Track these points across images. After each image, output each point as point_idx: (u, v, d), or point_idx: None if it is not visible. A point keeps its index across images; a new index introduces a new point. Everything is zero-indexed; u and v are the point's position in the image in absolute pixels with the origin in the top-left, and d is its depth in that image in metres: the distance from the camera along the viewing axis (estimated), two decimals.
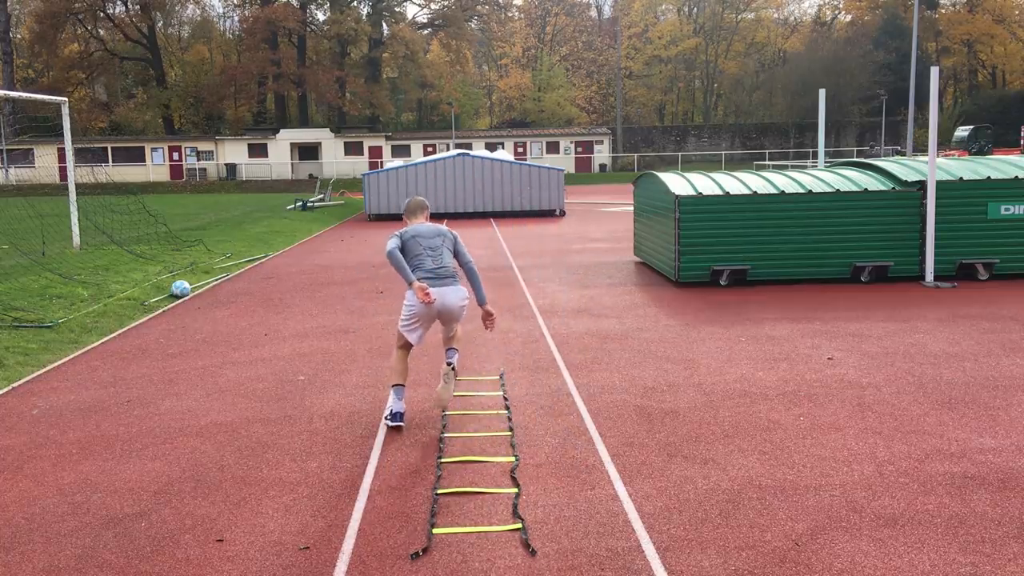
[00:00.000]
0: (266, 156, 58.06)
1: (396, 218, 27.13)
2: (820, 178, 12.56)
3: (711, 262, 11.99)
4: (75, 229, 17.05)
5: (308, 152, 59.08)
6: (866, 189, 12.04)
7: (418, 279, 6.01)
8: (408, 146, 59.42)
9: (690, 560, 4.09)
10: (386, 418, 6.17)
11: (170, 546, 4.36)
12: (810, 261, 12.05)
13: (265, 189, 51.00)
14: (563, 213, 27.36)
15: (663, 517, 4.55)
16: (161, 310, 11.19)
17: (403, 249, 6.15)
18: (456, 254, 6.29)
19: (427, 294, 5.93)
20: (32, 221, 18.23)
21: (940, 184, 11.86)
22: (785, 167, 46.96)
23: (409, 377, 6.53)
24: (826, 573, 3.94)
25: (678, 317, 9.94)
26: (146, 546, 4.36)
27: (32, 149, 53.87)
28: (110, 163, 49.58)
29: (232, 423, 6.33)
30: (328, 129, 60.73)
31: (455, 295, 6.12)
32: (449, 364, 6.27)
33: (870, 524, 4.42)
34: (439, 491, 4.94)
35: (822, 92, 17.03)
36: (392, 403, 6.18)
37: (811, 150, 60.14)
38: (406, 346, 6.24)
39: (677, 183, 12.51)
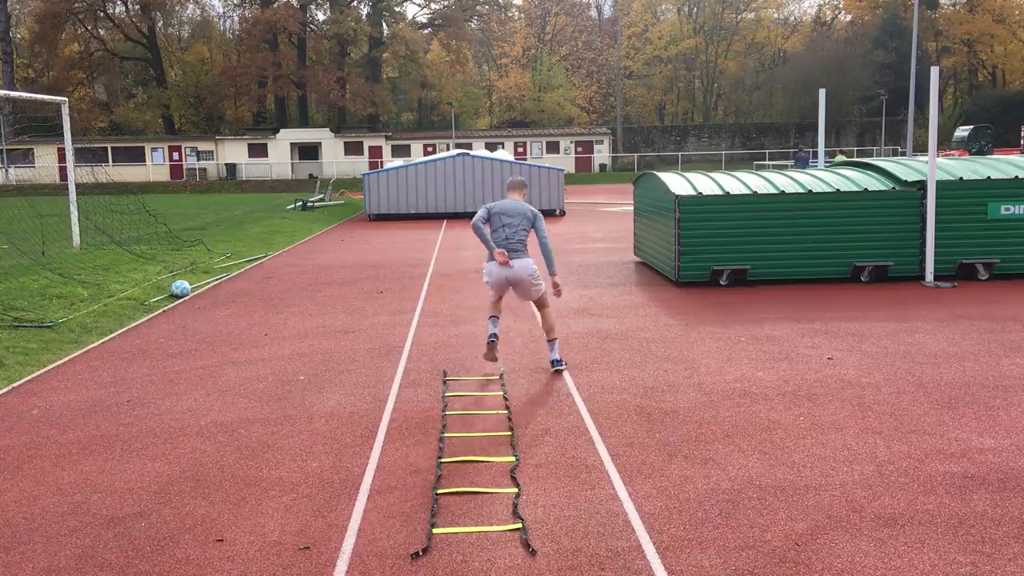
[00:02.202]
0: (266, 156, 58.05)
1: (396, 218, 27.14)
2: (820, 178, 12.56)
3: (711, 262, 11.98)
4: (75, 229, 17.05)
5: (308, 152, 59.07)
6: (866, 189, 12.04)
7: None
8: (408, 146, 59.42)
9: (690, 560, 4.09)
10: (489, 338, 7.37)
11: (170, 546, 4.36)
12: (810, 261, 12.05)
13: (265, 189, 51.00)
14: (563, 213, 27.36)
15: (663, 517, 4.55)
16: (161, 310, 11.19)
17: (488, 221, 7.37)
18: (535, 231, 7.40)
19: (506, 257, 7.20)
20: (32, 221, 18.22)
21: (940, 184, 11.86)
22: (785, 167, 46.97)
23: (414, 369, 6.57)
24: (826, 573, 3.94)
25: (678, 317, 9.94)
26: (146, 546, 4.36)
27: (32, 149, 53.88)
28: (110, 163, 49.54)
29: (232, 423, 6.33)
30: (328, 129, 60.72)
31: (521, 265, 7.29)
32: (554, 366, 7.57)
33: (870, 524, 4.42)
34: (439, 491, 4.94)
35: (822, 92, 17.03)
36: (489, 328, 7.45)
37: (811, 150, 60.11)
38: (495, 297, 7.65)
39: (677, 183, 12.51)
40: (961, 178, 12.05)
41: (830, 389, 6.83)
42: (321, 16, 70.11)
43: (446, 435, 5.93)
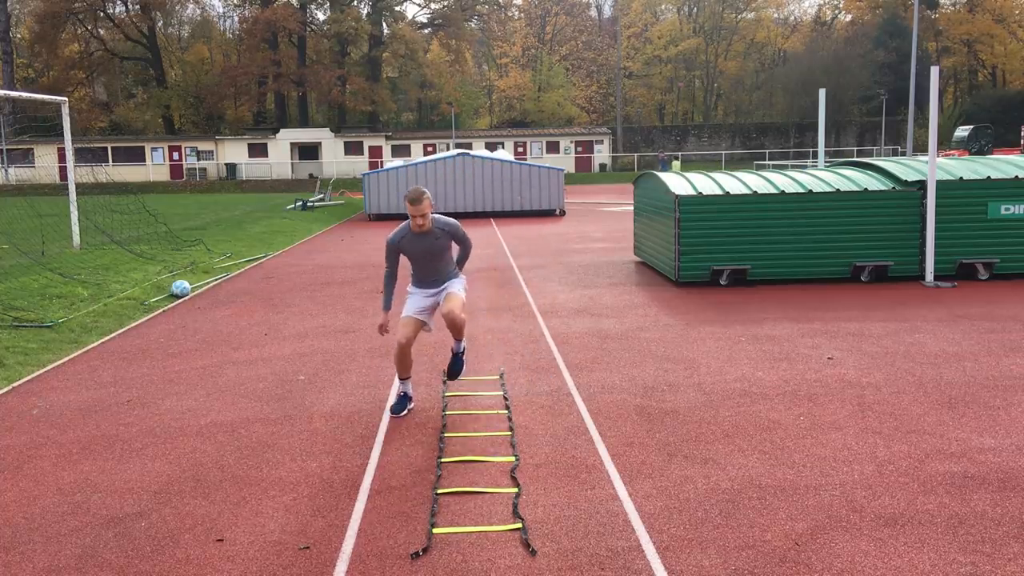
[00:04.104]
0: (266, 156, 58.07)
1: (396, 218, 27.13)
2: (820, 178, 12.56)
3: (711, 262, 11.98)
4: (75, 229, 17.05)
5: (308, 152, 59.09)
6: (866, 189, 12.04)
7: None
8: (408, 146, 59.43)
9: (690, 560, 4.09)
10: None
11: (170, 546, 4.36)
12: (810, 261, 12.05)
13: (265, 189, 51.02)
14: (563, 213, 27.36)
15: (663, 517, 4.55)
16: (161, 310, 11.19)
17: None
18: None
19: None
20: (32, 221, 18.23)
21: (940, 184, 11.86)
22: (785, 167, 46.98)
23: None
24: (826, 573, 3.94)
25: (678, 317, 9.94)
26: (146, 546, 4.36)
27: (32, 149, 53.90)
28: (110, 163, 49.58)
29: (232, 423, 6.33)
30: (328, 129, 60.74)
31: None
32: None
33: (870, 524, 4.42)
34: (439, 491, 4.94)
35: (822, 92, 17.03)
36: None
37: (811, 150, 60.15)
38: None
39: (677, 183, 12.51)
40: (961, 178, 12.05)
41: (830, 389, 6.83)
42: (321, 16, 70.20)
43: (446, 435, 5.93)
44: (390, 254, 6.37)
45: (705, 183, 12.50)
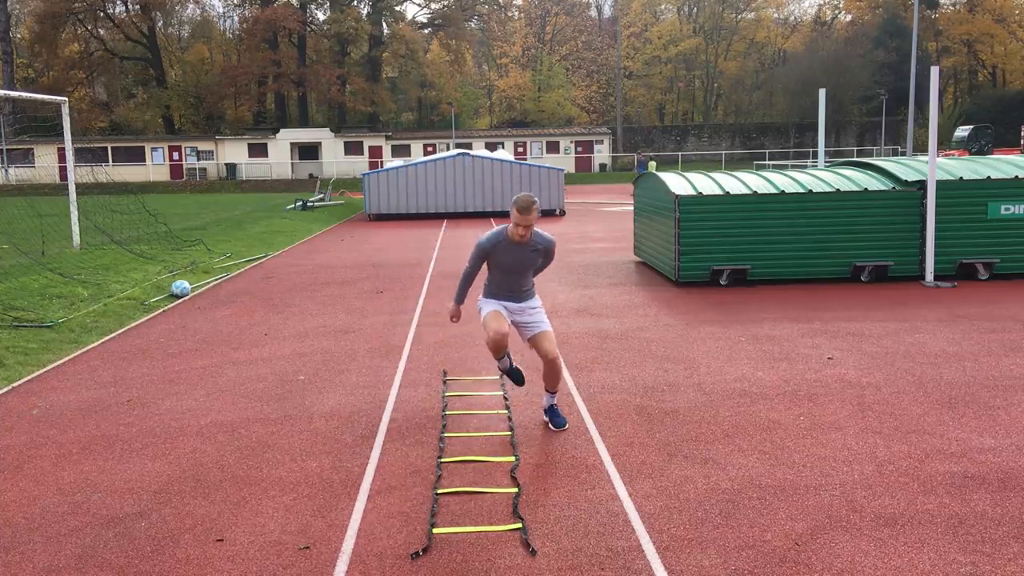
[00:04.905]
0: (266, 156, 58.06)
1: (396, 218, 27.14)
2: (820, 178, 12.56)
3: (711, 262, 11.98)
4: (75, 229, 17.05)
5: (308, 152, 59.09)
6: (866, 189, 12.04)
7: None
8: (408, 146, 59.44)
9: (690, 560, 4.09)
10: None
11: (170, 546, 4.36)
12: (810, 261, 12.05)
13: (265, 189, 51.02)
14: (563, 213, 27.36)
15: (663, 517, 4.55)
16: (161, 310, 11.19)
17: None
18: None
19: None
20: (32, 221, 18.23)
21: (940, 184, 11.86)
22: (785, 167, 46.98)
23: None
24: (826, 573, 3.94)
25: (678, 317, 9.94)
26: (146, 546, 4.36)
27: (32, 149, 53.91)
28: (110, 163, 49.57)
29: (232, 423, 6.33)
30: (328, 129, 60.73)
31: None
32: None
33: (870, 524, 4.42)
34: (439, 491, 4.94)
35: (822, 92, 17.02)
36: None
37: (811, 150, 60.15)
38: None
39: (677, 183, 12.51)
40: (961, 178, 12.05)
41: (830, 389, 6.83)
42: (321, 16, 70.22)
43: (446, 435, 5.93)
44: (478, 256, 5.96)
45: (705, 183, 12.50)
